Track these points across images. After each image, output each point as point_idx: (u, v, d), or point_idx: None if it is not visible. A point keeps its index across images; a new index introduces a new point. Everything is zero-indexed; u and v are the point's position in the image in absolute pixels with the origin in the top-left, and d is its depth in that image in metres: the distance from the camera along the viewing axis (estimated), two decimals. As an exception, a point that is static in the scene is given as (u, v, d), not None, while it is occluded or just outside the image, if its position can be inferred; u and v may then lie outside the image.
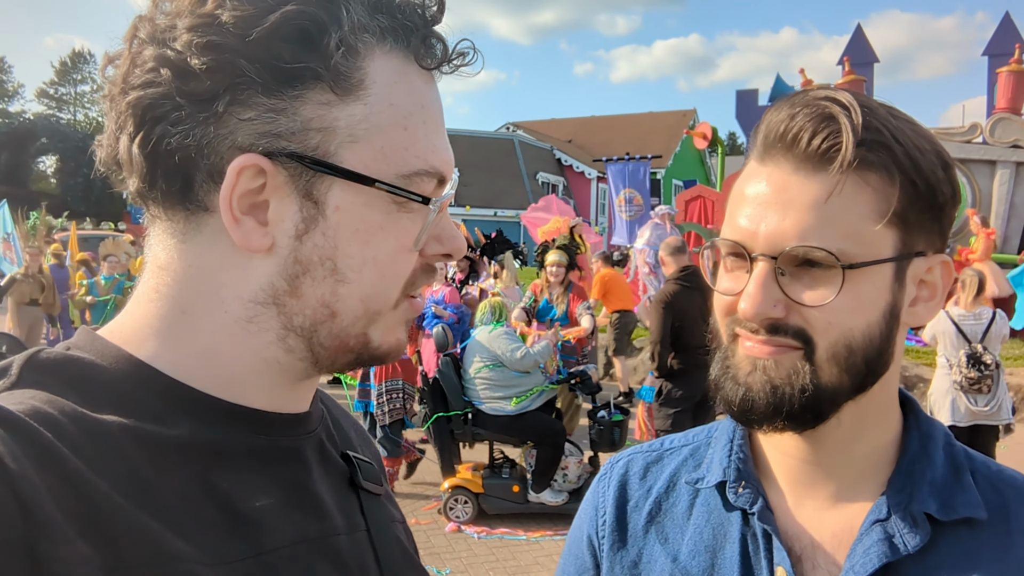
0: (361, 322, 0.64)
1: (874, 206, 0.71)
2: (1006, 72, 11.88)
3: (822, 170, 0.70)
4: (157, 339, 0.62)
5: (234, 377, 0.63)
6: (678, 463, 0.92)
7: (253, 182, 0.59)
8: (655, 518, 0.89)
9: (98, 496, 0.50)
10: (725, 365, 0.79)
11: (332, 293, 0.62)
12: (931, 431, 0.82)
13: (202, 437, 0.59)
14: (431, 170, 0.63)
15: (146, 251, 0.65)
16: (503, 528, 5.65)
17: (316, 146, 0.59)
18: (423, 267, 0.67)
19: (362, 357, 0.66)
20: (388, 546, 0.72)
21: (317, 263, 0.61)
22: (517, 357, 5.66)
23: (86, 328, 0.64)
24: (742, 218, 0.75)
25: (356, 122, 0.60)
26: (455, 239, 0.68)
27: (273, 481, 0.63)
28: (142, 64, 0.58)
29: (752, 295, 0.73)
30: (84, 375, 0.58)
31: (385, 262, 0.63)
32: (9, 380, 0.55)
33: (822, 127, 0.70)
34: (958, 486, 0.77)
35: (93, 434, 0.53)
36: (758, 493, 0.83)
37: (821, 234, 0.70)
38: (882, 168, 0.70)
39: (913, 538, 0.74)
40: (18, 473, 0.46)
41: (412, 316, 0.69)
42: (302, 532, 0.63)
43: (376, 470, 0.78)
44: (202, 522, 0.56)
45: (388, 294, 0.64)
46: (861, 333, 0.73)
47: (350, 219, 0.61)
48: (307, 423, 0.70)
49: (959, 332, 5.54)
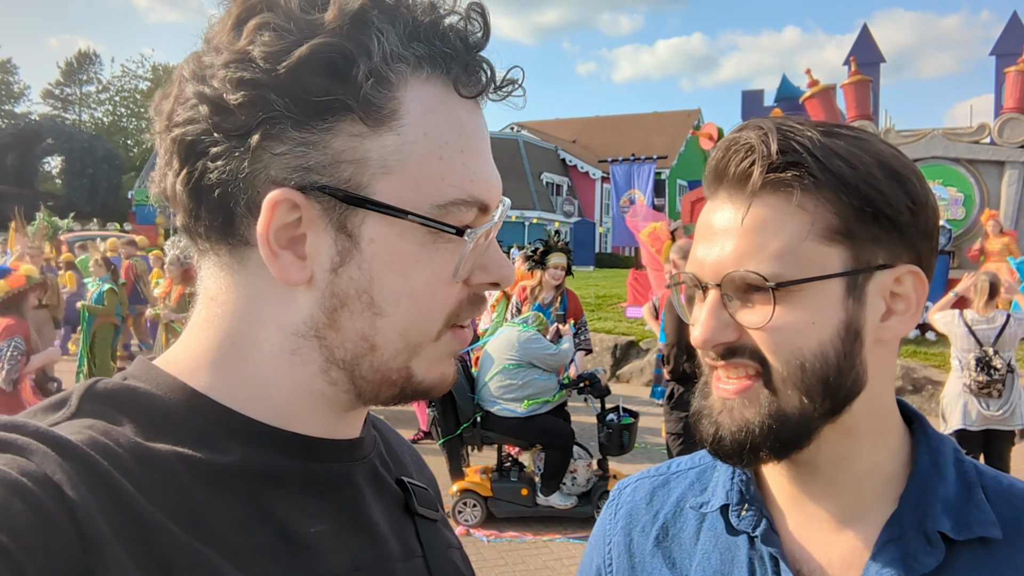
0: (402, 355, 0.63)
1: (808, 226, 0.72)
2: (1014, 72, 11.81)
3: (763, 195, 0.73)
4: (210, 369, 0.63)
5: (284, 406, 0.64)
6: (684, 487, 0.92)
7: (289, 216, 0.59)
8: (662, 543, 0.89)
9: (153, 524, 0.51)
10: (702, 402, 0.81)
11: (371, 326, 0.61)
12: (940, 447, 0.81)
13: (255, 463, 0.60)
14: (469, 199, 0.62)
15: (199, 283, 0.66)
16: (512, 531, 5.64)
17: (348, 179, 0.59)
18: (470, 297, 0.66)
19: (406, 391, 0.66)
20: (444, 572, 0.72)
21: (354, 296, 0.61)
22: (551, 353, 5.73)
23: (142, 358, 0.66)
24: (697, 251, 0.79)
25: (388, 153, 0.59)
26: (502, 267, 0.66)
27: (327, 507, 0.63)
28: (184, 101, 0.60)
29: (703, 322, 0.76)
30: (140, 404, 0.59)
31: (423, 294, 0.62)
32: (69, 410, 0.57)
33: (742, 155, 0.74)
34: (971, 503, 0.76)
35: (148, 463, 0.55)
36: (761, 516, 0.82)
37: (754, 257, 0.73)
38: (811, 189, 0.71)
39: (928, 558, 0.73)
40: (78, 501, 0.48)
41: (458, 348, 0.67)
42: (358, 558, 0.63)
43: (431, 496, 0.78)
44: (256, 549, 0.57)
45: (427, 327, 0.63)
46: (812, 352, 0.73)
47: (385, 251, 0.60)
48: (360, 449, 0.70)
49: (971, 335, 5.50)
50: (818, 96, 12.41)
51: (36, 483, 0.47)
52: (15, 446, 0.50)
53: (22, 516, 0.45)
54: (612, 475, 5.92)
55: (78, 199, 41.18)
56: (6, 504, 0.45)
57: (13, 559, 0.43)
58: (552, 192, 40.83)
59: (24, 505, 0.46)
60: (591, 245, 33.99)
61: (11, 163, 43.25)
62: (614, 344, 11.30)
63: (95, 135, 49.70)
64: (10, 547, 0.44)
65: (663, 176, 33.49)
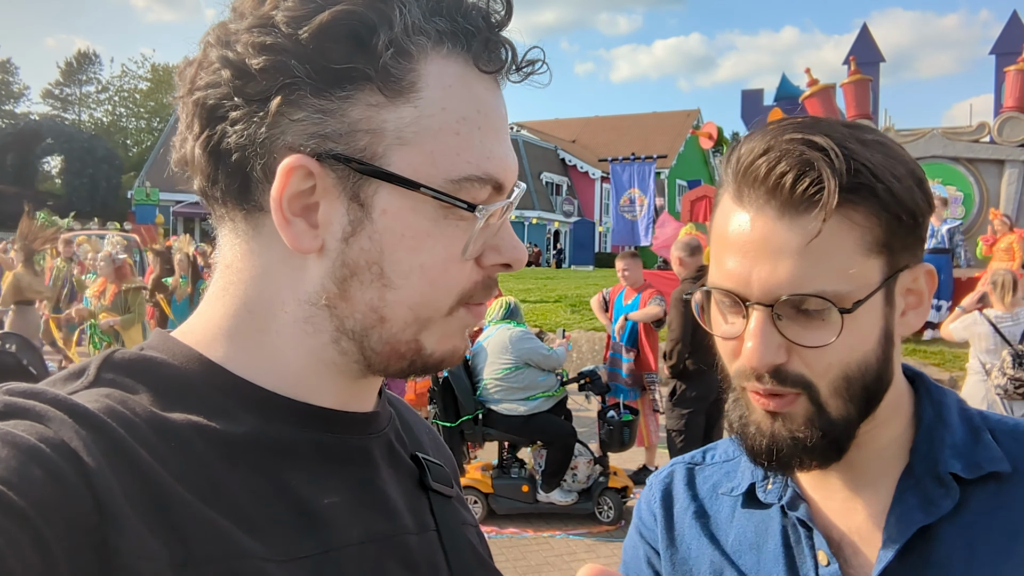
0: (411, 328, 0.63)
1: (859, 241, 0.72)
2: (1013, 71, 11.81)
3: (806, 214, 0.71)
4: (226, 339, 0.63)
5: (298, 376, 0.64)
6: (721, 475, 0.94)
7: (303, 183, 0.59)
8: (700, 519, 0.92)
9: (168, 492, 0.52)
10: (743, 414, 0.81)
11: (380, 298, 0.61)
12: (943, 399, 0.83)
13: (270, 434, 0.60)
14: (484, 176, 0.61)
15: (216, 251, 0.67)
16: (512, 528, 5.65)
17: (364, 148, 0.59)
18: (484, 280, 0.65)
19: (416, 364, 0.65)
20: (459, 547, 0.71)
21: (364, 267, 0.61)
22: (545, 354, 5.70)
23: (160, 329, 0.67)
24: (731, 264, 0.75)
25: (405, 124, 0.59)
26: (515, 249, 0.66)
27: (342, 479, 0.64)
28: (208, 66, 0.60)
29: (756, 346, 0.73)
30: (157, 374, 0.60)
31: (433, 269, 0.61)
32: (87, 380, 0.58)
33: (805, 171, 0.70)
34: (979, 445, 0.79)
35: (164, 432, 0.55)
36: (787, 485, 0.85)
37: (814, 279, 0.71)
38: (865, 206, 0.72)
39: (944, 499, 0.76)
40: (94, 468, 0.48)
41: (473, 323, 0.67)
42: (371, 530, 0.63)
43: (447, 473, 0.78)
44: (271, 519, 0.57)
45: (438, 303, 0.63)
46: (857, 364, 0.75)
47: (396, 223, 0.60)
48: (375, 423, 0.70)
49: (996, 333, 5.28)
50: (818, 95, 12.41)
51: (54, 449, 0.48)
52: (33, 413, 0.50)
53: (40, 482, 0.46)
54: (613, 472, 5.93)
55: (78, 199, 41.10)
56: (25, 470, 0.46)
57: (32, 525, 0.44)
58: (552, 192, 40.81)
59: (42, 471, 0.46)
60: (590, 245, 34.00)
61: (11, 163, 43.18)
62: (614, 343, 11.28)
63: (95, 135, 49.62)
64: (29, 513, 0.44)
65: (663, 176, 33.47)
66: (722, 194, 0.79)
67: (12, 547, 0.42)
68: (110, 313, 7.80)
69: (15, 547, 0.42)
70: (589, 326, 12.05)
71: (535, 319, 12.74)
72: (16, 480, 0.45)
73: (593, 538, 5.51)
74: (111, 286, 7.94)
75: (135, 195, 29.75)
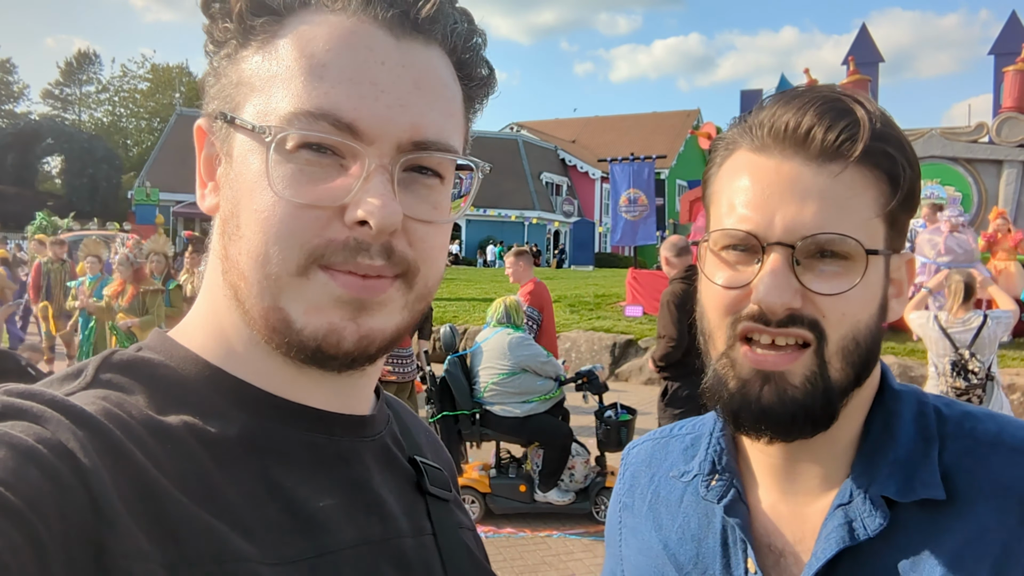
0: (268, 291, 0.58)
1: (874, 201, 0.72)
2: (1012, 71, 11.83)
3: (833, 162, 0.71)
4: (209, 335, 0.64)
5: (251, 362, 0.63)
6: (678, 452, 0.94)
7: (212, 147, 0.63)
8: (653, 505, 0.93)
9: (162, 494, 0.52)
10: (729, 376, 0.76)
11: (237, 250, 0.60)
12: (897, 407, 0.80)
13: (262, 435, 0.61)
14: (314, 110, 0.57)
15: None
16: (510, 527, 5.65)
17: (229, 100, 0.62)
18: (346, 239, 0.58)
19: (291, 341, 0.59)
20: (455, 550, 0.71)
21: (230, 217, 0.61)
22: (543, 360, 5.68)
23: (159, 330, 0.67)
24: (748, 209, 0.73)
25: (255, 72, 0.60)
26: (374, 204, 0.57)
27: (336, 482, 0.64)
28: None
29: (774, 283, 0.71)
30: (153, 375, 0.60)
31: (263, 213, 0.58)
32: (84, 381, 0.58)
33: (839, 120, 0.71)
34: (924, 462, 0.75)
35: (159, 434, 0.55)
36: (731, 486, 0.84)
37: (840, 222, 0.70)
38: (889, 164, 0.72)
39: (872, 522, 0.74)
40: (90, 468, 0.49)
41: (346, 296, 0.59)
42: (365, 533, 0.63)
43: (444, 476, 0.77)
44: (264, 521, 0.57)
45: (279, 254, 0.57)
46: (866, 325, 0.74)
47: (242, 168, 0.60)
48: (370, 426, 0.70)
49: (945, 338, 5.14)
50: (817, 95, 12.40)
51: (51, 450, 0.48)
52: (31, 414, 0.50)
53: (37, 483, 0.46)
54: (610, 471, 5.94)
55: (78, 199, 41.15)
56: (22, 470, 0.46)
57: (28, 524, 0.44)
58: (552, 192, 40.80)
59: (39, 472, 0.46)
60: (590, 245, 34.00)
61: (11, 163, 43.20)
62: (613, 343, 11.31)
63: (95, 135, 49.66)
64: (26, 512, 0.44)
65: (662, 176, 33.47)
66: (732, 150, 0.78)
67: (8, 545, 0.43)
68: (128, 314, 7.84)
69: (11, 545, 0.43)
70: (588, 326, 12.07)
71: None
72: (13, 480, 0.45)
73: (590, 538, 5.51)
74: (130, 287, 7.98)
75: (135, 195, 29.71)
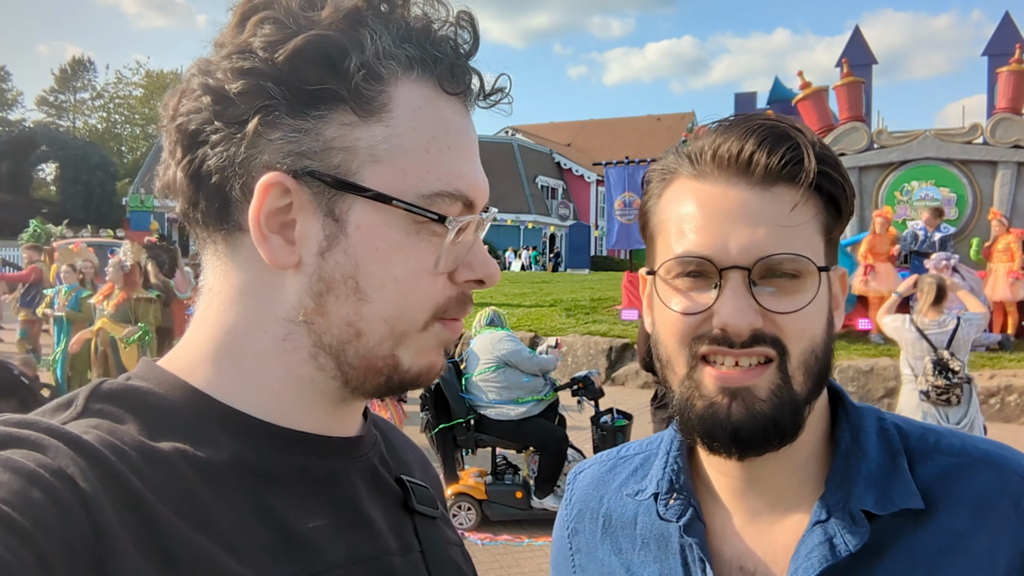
0: (388, 343, 0.64)
1: (816, 221, 0.76)
2: (1006, 72, 11.84)
3: (778, 185, 0.74)
4: (209, 364, 0.65)
5: (278, 398, 0.65)
6: (627, 473, 0.94)
7: (280, 200, 0.61)
8: (607, 527, 0.91)
9: (158, 518, 0.53)
10: (694, 397, 0.77)
11: (355, 312, 0.63)
12: (861, 421, 0.82)
13: (253, 460, 0.62)
14: (454, 192, 0.64)
15: (201, 278, 0.69)
16: (506, 535, 5.63)
17: (338, 165, 0.61)
18: (458, 296, 0.67)
19: (393, 380, 0.66)
20: (443, 567, 0.73)
21: (340, 281, 0.62)
22: (526, 356, 5.72)
23: (146, 359, 0.68)
24: (700, 235, 0.75)
25: (377, 142, 0.62)
26: (487, 266, 0.68)
27: (325, 503, 0.65)
28: (190, 94, 0.63)
29: (736, 307, 0.73)
30: (143, 403, 0.61)
31: (406, 283, 0.63)
32: (75, 410, 0.59)
33: (779, 145, 0.74)
34: (896, 474, 0.77)
35: (153, 460, 0.57)
36: (688, 505, 0.83)
37: (791, 242, 0.74)
38: (830, 185, 0.76)
39: (853, 538, 0.74)
40: (90, 494, 0.50)
41: (450, 339, 0.68)
42: (355, 553, 0.65)
43: (431, 494, 0.79)
44: (256, 543, 0.58)
45: (413, 316, 0.64)
46: (821, 339, 0.77)
47: (370, 238, 0.62)
48: (358, 447, 0.72)
49: (923, 339, 5.16)
50: (810, 98, 12.45)
51: (53, 475, 0.50)
52: (30, 441, 0.52)
53: (41, 505, 0.48)
54: (607, 477, 5.92)
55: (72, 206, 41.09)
56: (27, 493, 0.48)
57: (35, 544, 0.46)
58: (547, 195, 40.88)
59: (43, 495, 0.48)
60: (586, 248, 34.03)
61: (5, 170, 43.18)
62: (609, 347, 11.29)
63: (89, 142, 49.66)
64: (32, 532, 0.46)
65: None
66: (671, 179, 0.81)
67: (19, 561, 0.44)
68: (112, 320, 7.51)
69: (21, 562, 0.44)
70: (584, 330, 12.05)
71: (530, 323, 12.75)
72: (19, 502, 0.47)
73: (587, 544, 5.50)
74: (119, 292, 7.63)
75: (130, 202, 29.70)
